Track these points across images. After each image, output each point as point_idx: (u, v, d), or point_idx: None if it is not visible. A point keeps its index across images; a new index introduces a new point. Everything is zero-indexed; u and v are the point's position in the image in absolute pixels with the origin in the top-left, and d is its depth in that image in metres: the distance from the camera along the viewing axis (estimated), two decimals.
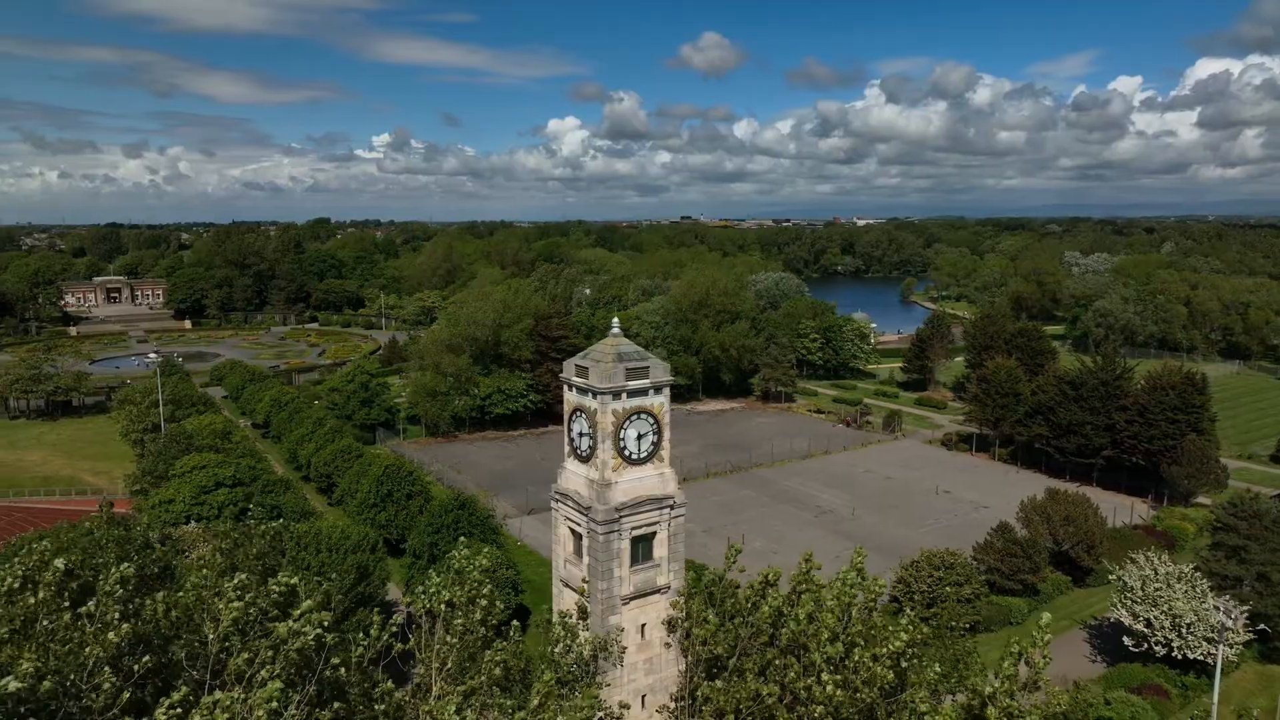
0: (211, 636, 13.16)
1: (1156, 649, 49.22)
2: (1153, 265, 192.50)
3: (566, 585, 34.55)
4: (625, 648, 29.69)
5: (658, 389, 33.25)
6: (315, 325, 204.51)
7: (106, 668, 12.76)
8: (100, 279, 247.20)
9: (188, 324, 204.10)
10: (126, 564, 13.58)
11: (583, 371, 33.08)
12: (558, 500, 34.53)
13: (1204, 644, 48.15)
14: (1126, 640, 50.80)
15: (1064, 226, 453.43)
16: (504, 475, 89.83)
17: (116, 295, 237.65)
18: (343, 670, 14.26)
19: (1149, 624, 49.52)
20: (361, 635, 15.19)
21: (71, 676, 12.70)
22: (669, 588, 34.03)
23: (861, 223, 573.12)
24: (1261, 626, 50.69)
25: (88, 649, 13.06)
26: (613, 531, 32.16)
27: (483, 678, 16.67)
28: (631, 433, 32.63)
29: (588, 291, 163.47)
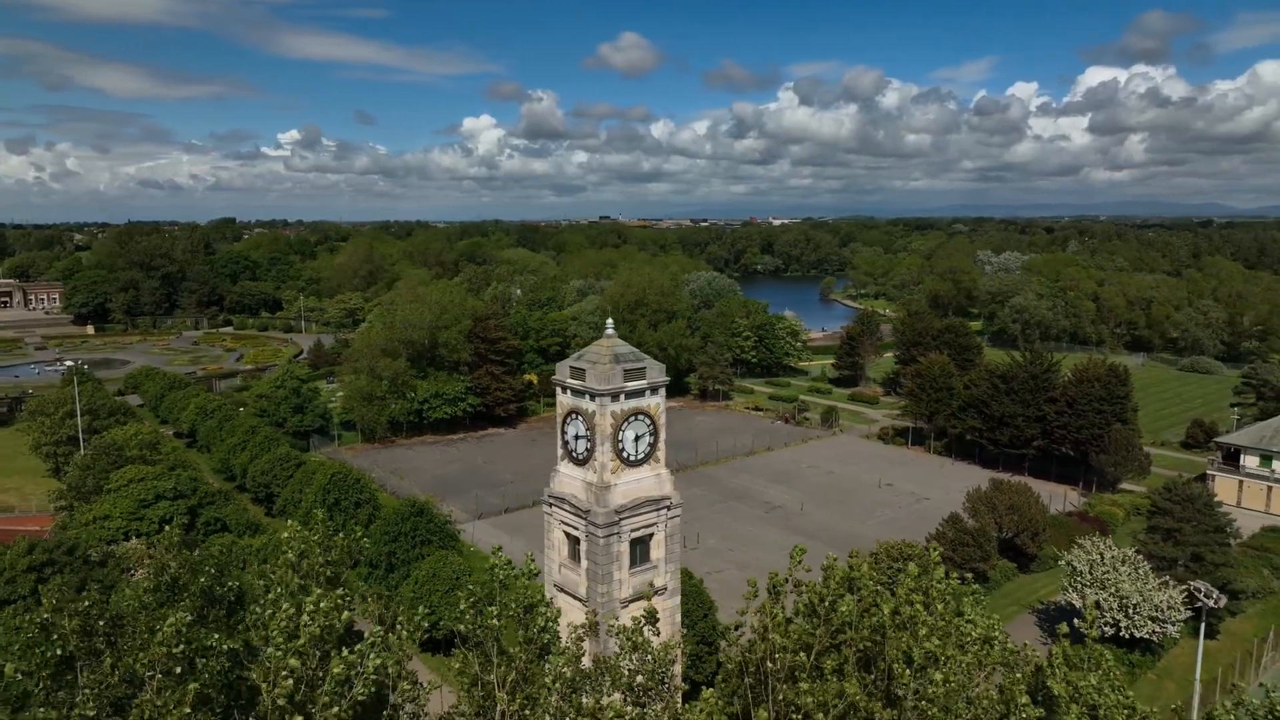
0: (266, 700, 12.12)
1: (1105, 629, 51.52)
2: (1061, 263, 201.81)
3: (561, 590, 33.95)
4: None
5: (654, 389, 32.99)
6: (230, 329, 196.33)
7: None
8: None
9: (90, 329, 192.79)
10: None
11: (578, 373, 32.52)
12: (552, 504, 33.87)
13: (1149, 623, 50.72)
14: (1076, 622, 52.94)
15: (969, 226, 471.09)
16: (447, 480, 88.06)
17: (7, 300, 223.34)
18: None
19: (1098, 605, 51.76)
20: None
21: None
22: (666, 589, 33.81)
23: (778, 222, 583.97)
24: (1198, 604, 53.51)
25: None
26: (612, 534, 31.75)
27: (555, 685, 16.23)
28: (629, 434, 32.26)
29: (519, 292, 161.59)
